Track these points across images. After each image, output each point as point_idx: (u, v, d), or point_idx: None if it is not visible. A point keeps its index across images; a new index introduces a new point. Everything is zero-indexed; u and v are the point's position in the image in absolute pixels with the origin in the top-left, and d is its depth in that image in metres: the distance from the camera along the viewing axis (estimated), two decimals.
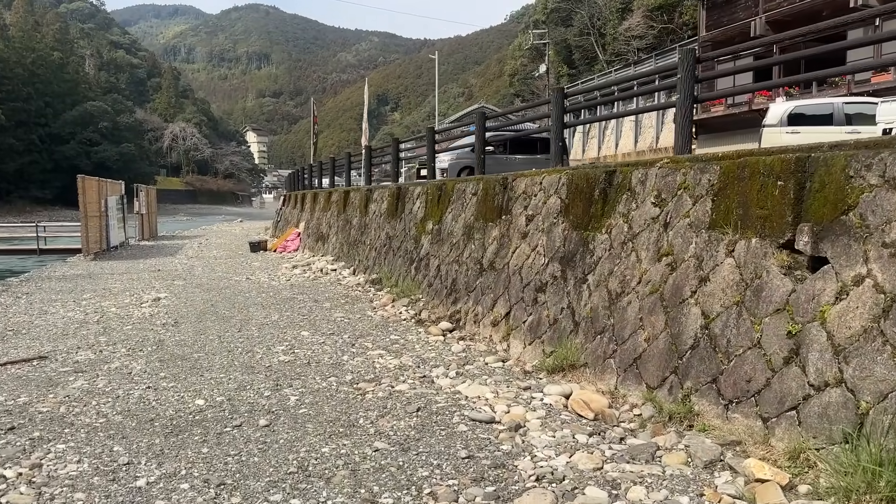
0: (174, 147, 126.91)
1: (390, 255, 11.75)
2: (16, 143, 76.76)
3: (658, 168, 5.73)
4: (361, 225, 14.07)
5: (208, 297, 10.99)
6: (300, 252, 19.37)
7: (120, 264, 16.96)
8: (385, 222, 12.51)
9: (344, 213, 15.84)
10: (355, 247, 14.09)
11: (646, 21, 50.24)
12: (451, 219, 9.64)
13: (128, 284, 12.73)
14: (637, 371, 5.28)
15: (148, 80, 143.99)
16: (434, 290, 9.39)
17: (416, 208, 11.14)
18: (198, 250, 21.72)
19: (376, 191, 13.65)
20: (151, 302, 10.42)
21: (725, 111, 21.28)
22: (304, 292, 11.39)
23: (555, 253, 6.81)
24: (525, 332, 6.86)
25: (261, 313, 9.44)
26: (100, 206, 20.13)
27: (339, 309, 9.82)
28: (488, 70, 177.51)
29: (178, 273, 14.67)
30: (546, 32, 68.16)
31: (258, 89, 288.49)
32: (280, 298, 10.73)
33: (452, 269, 9.03)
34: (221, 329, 8.35)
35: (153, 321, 8.92)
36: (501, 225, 8.07)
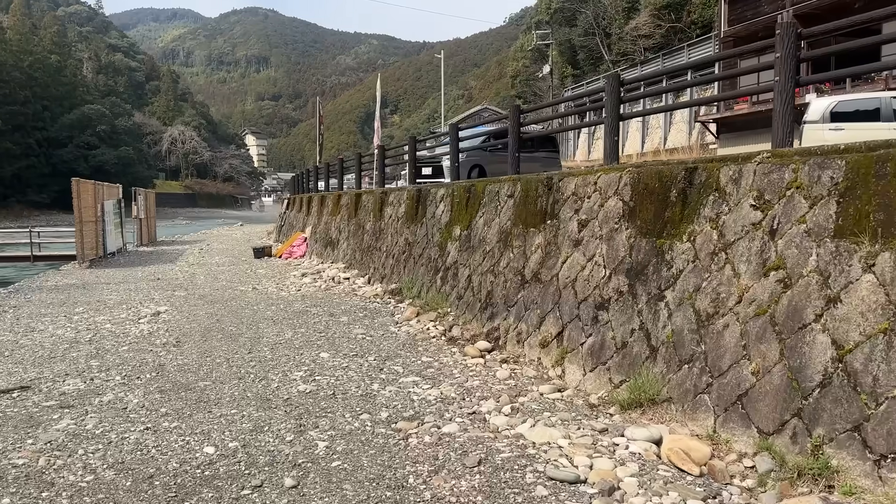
0: (173, 150, 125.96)
1: (411, 262, 10.80)
2: (13, 147, 75.79)
3: (757, 164, 4.78)
4: (376, 230, 13.12)
5: (213, 310, 10.03)
6: (307, 258, 18.41)
7: (117, 272, 16.00)
8: (403, 227, 11.56)
9: (355, 218, 14.89)
10: (369, 253, 13.14)
11: (653, 20, 49.36)
12: (482, 224, 8.69)
13: (125, 296, 11.77)
14: (743, 411, 4.33)
15: (146, 84, 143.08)
16: (465, 304, 8.44)
17: (439, 212, 10.19)
18: (199, 256, 20.76)
19: (392, 193, 12.71)
20: (150, 317, 9.46)
21: (751, 108, 20.36)
22: (317, 304, 10.44)
23: (618, 264, 5.86)
24: (584, 357, 5.90)
25: (272, 330, 8.48)
26: (96, 210, 19.17)
27: (359, 324, 8.86)
28: (488, 72, 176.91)
29: (179, 282, 13.71)
30: (550, 33, 67.39)
31: (257, 92, 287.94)
32: (292, 312, 9.78)
33: (487, 281, 8.08)
34: (229, 350, 7.40)
35: (152, 340, 7.96)
36: (547, 231, 7.12)
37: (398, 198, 12.26)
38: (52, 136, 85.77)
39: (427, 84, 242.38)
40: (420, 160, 13.58)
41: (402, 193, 12.04)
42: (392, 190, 12.93)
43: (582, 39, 59.82)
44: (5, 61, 77.12)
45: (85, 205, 17.92)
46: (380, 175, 14.59)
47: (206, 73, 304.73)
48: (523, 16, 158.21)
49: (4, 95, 75.98)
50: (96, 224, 19.12)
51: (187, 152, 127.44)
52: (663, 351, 5.11)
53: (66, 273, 16.07)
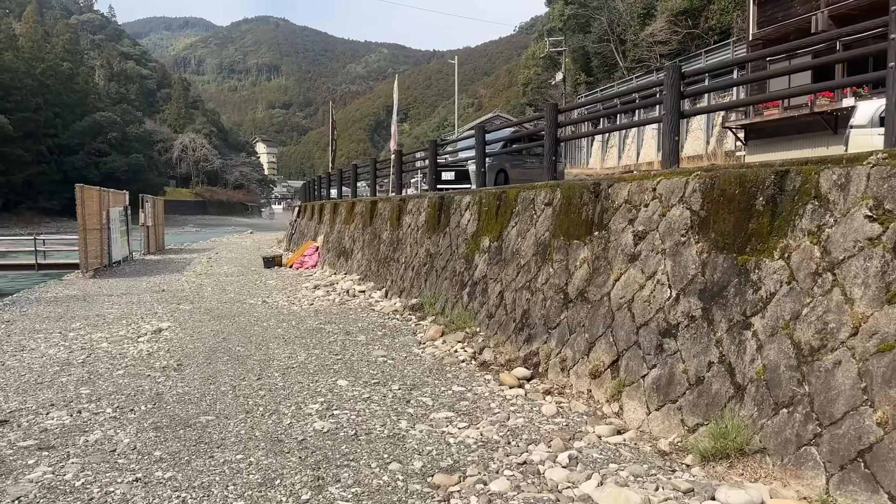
0: (184, 158, 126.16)
1: (433, 276, 9.99)
2: (24, 154, 75.81)
3: (871, 166, 3.95)
4: (393, 240, 12.33)
5: (219, 326, 9.25)
6: (319, 268, 17.65)
7: (121, 283, 15.29)
8: (424, 237, 10.77)
9: (371, 226, 14.11)
10: (386, 265, 12.35)
11: (669, 26, 48.57)
12: (515, 235, 7.88)
13: (126, 309, 11.02)
14: (867, 471, 3.48)
15: (158, 91, 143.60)
16: (497, 324, 7.62)
17: (464, 221, 9.39)
18: (207, 266, 20.05)
19: (411, 201, 11.92)
20: (151, 334, 8.69)
21: (782, 114, 19.48)
22: (331, 321, 9.64)
23: (688, 284, 5.03)
24: (648, 392, 5.06)
25: (283, 351, 7.69)
26: (101, 217, 18.51)
27: (378, 344, 8.06)
28: (498, 81, 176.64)
29: (185, 294, 12.96)
30: (563, 40, 66.79)
31: (268, 100, 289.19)
32: (304, 329, 8.98)
33: (522, 298, 7.26)
34: (236, 375, 6.60)
35: (151, 363, 7.18)
36: (594, 244, 6.29)
37: (418, 205, 11.47)
38: (64, 143, 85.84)
39: (437, 92, 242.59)
40: (444, 164, 12.76)
41: (423, 201, 11.26)
42: (411, 197, 12.15)
43: (596, 46, 59.12)
44: (17, 68, 77.28)
45: (89, 212, 17.25)
46: (397, 181, 13.82)
47: (218, 81, 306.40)
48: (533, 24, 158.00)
49: (16, 102, 76.08)
50: (101, 232, 18.45)
51: (198, 160, 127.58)
52: (752, 390, 4.27)
53: (68, 283, 15.37)
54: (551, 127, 7.97)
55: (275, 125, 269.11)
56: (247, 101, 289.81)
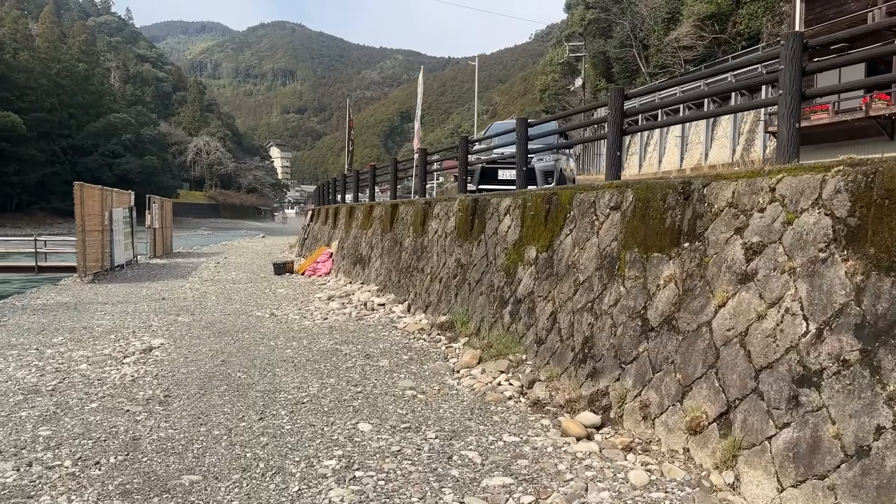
0: (198, 161, 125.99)
1: (465, 289, 8.72)
2: (38, 154, 75.52)
3: None
4: (417, 247, 11.09)
5: (219, 345, 8.03)
6: (333, 276, 16.44)
7: (119, 289, 14.14)
8: (454, 245, 9.51)
9: (391, 232, 12.88)
10: (409, 275, 11.10)
11: (695, 31, 47.23)
12: (570, 245, 6.61)
13: (118, 321, 9.84)
14: None
15: (173, 94, 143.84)
16: (549, 352, 6.34)
17: (503, 228, 8.13)
18: (214, 271, 18.90)
19: (438, 204, 10.68)
20: (139, 354, 7.48)
21: (832, 118, 18.10)
22: (348, 340, 8.39)
23: (835, 315, 3.73)
24: (779, 461, 3.76)
25: (292, 379, 6.44)
26: (103, 219, 17.42)
27: (405, 371, 6.80)
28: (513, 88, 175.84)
29: (186, 304, 11.77)
30: (583, 45, 65.56)
31: (283, 105, 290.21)
32: (318, 350, 7.74)
33: (583, 322, 5.98)
34: (234, 412, 5.37)
35: (133, 392, 5.95)
36: (684, 258, 5.01)
37: (446, 209, 10.22)
38: (78, 144, 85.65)
39: (451, 99, 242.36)
40: (499, 160, 11.28)
41: (452, 204, 10.01)
42: (439, 200, 10.90)
43: (618, 51, 57.85)
44: (33, 68, 77.12)
45: (89, 212, 16.16)
46: (421, 183, 12.59)
47: (233, 85, 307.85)
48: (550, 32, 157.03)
49: (31, 102, 75.87)
50: (102, 234, 17.36)
51: (212, 163, 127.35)
52: None
53: (63, 289, 14.25)
54: (616, 116, 6.69)
55: (289, 130, 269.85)
56: (262, 105, 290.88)
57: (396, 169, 14.84)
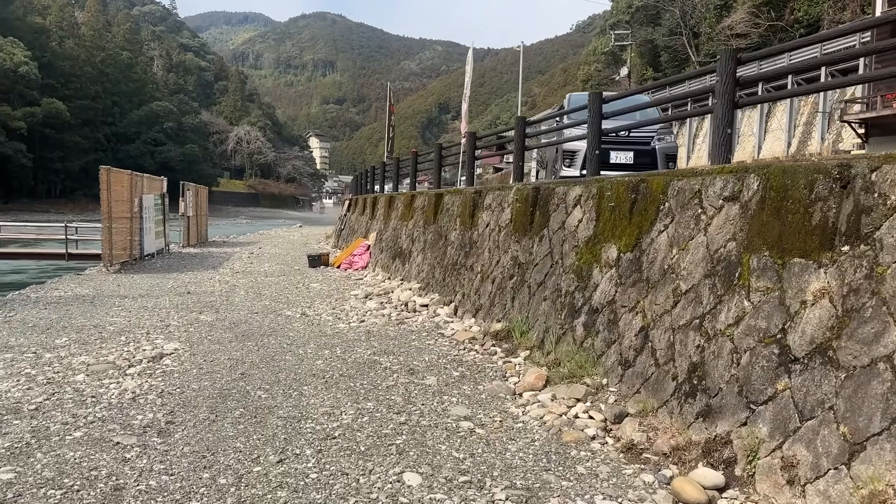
0: (238, 150, 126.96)
1: (523, 293, 7.49)
2: (82, 142, 76.60)
3: None
4: (465, 242, 9.89)
5: (241, 352, 6.96)
6: (370, 270, 15.37)
7: (144, 280, 13.29)
8: (510, 241, 8.28)
9: (434, 224, 11.70)
10: (456, 273, 9.91)
11: (750, 18, 44.85)
12: (665, 244, 5.33)
13: (134, 318, 8.88)
14: None
15: (215, 84, 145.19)
16: (640, 377, 5.08)
17: (573, 221, 6.87)
18: (246, 262, 18.02)
19: (490, 194, 9.45)
20: (148, 362, 6.45)
21: None
22: (388, 349, 7.24)
23: None
24: None
25: (322, 401, 5.32)
26: (132, 205, 16.65)
27: (456, 393, 5.62)
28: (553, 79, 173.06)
29: (211, 300, 10.80)
30: (629, 34, 63.41)
31: (322, 96, 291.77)
32: (353, 362, 6.61)
33: (688, 344, 4.71)
34: (247, 450, 4.26)
35: (130, 416, 4.90)
36: (844, 266, 3.71)
37: (500, 199, 8.99)
38: (121, 132, 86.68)
39: (490, 90, 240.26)
40: (612, 141, 8.87)
41: (507, 193, 8.77)
42: (491, 189, 9.67)
43: (666, 40, 55.60)
44: (78, 56, 78.07)
45: (117, 198, 15.37)
46: (468, 169, 11.38)
47: (274, 75, 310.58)
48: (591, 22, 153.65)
49: (76, 90, 76.89)
50: (131, 221, 16.59)
51: (252, 152, 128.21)
52: None
53: (85, 279, 13.46)
54: (727, 84, 5.37)
55: (328, 120, 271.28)
56: (302, 95, 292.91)
57: (441, 155, 13.64)
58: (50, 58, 73.88)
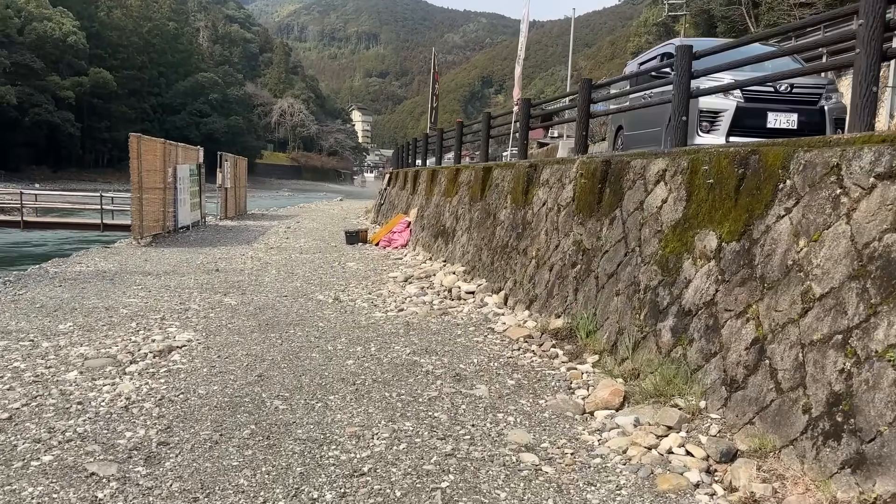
0: (282, 122, 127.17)
1: (590, 284, 6.39)
2: (128, 112, 77.30)
3: None
4: (517, 222, 8.79)
5: (261, 347, 6.06)
6: (410, 249, 14.41)
7: (174, 255, 12.58)
8: (572, 222, 7.16)
9: (482, 201, 10.62)
10: (506, 257, 8.83)
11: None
12: (787, 232, 4.16)
13: (152, 300, 8.08)
14: None
15: (260, 56, 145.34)
16: (754, 404, 3.97)
17: (655, 201, 5.72)
18: (282, 237, 17.27)
19: (548, 168, 8.31)
20: (154, 357, 5.59)
21: None
22: (430, 347, 6.24)
23: None
24: None
25: (350, 416, 4.37)
26: (165, 175, 15.97)
27: (513, 409, 4.60)
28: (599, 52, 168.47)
29: (240, 279, 9.97)
30: (683, 4, 60.54)
31: (365, 69, 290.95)
32: (389, 364, 5.63)
33: (826, 367, 3.57)
34: (252, 488, 3.33)
35: (118, 432, 4.02)
36: None
37: (559, 175, 7.85)
38: (167, 103, 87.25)
39: (534, 64, 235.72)
40: (766, 97, 6.93)
41: (569, 168, 7.62)
42: (548, 163, 8.51)
43: (724, 9, 52.71)
44: (125, 26, 78.47)
45: (148, 167, 14.68)
46: (522, 142, 10.23)
47: (318, 48, 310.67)
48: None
49: (122, 60, 77.45)
50: (164, 192, 15.93)
51: (295, 125, 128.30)
52: None
53: (112, 252, 12.82)
54: (874, 30, 4.13)
55: (371, 94, 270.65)
56: (345, 68, 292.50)
57: (490, 126, 12.47)
58: (98, 28, 74.42)
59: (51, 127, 65.24)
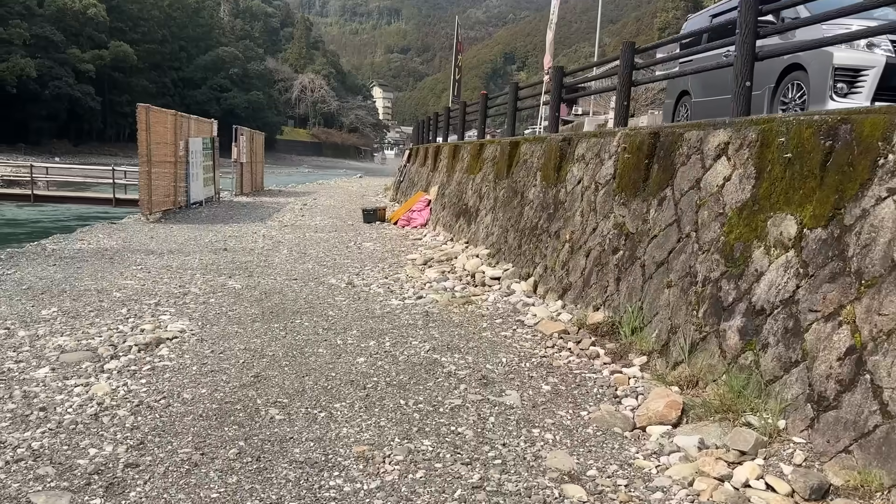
0: (302, 98, 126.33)
1: (635, 273, 5.63)
2: (149, 86, 76.91)
3: None
4: (548, 201, 8.01)
5: (262, 339, 5.40)
6: (430, 229, 13.69)
7: (182, 232, 11.99)
8: (612, 202, 6.38)
9: (508, 179, 9.84)
10: (535, 240, 8.07)
11: None
12: (891, 217, 3.37)
13: (150, 282, 7.47)
14: None
15: (281, 30, 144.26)
16: (851, 427, 3.21)
17: (715, 179, 4.92)
18: (298, 214, 16.64)
19: (583, 142, 7.50)
20: (139, 350, 4.95)
21: None
22: (452, 343, 5.53)
23: None
24: None
25: (358, 432, 3.69)
26: (176, 149, 15.36)
27: (550, 426, 3.89)
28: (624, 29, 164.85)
29: (248, 259, 9.34)
30: None
31: (386, 45, 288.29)
32: (405, 363, 4.93)
33: None
34: None
35: (80, 447, 3.38)
36: None
37: (598, 149, 7.04)
38: (187, 77, 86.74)
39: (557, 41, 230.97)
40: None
41: (609, 142, 6.81)
42: (584, 136, 7.69)
43: None
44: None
45: (158, 140, 14.06)
46: (553, 114, 9.41)
47: (340, 23, 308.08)
48: None
49: (143, 34, 76.93)
50: (175, 166, 15.33)
51: (316, 101, 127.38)
52: None
53: (118, 229, 12.26)
54: None
55: (392, 70, 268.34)
56: (366, 44, 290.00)
57: (517, 97, 11.62)
58: (118, 0, 73.87)
59: (71, 100, 65.09)
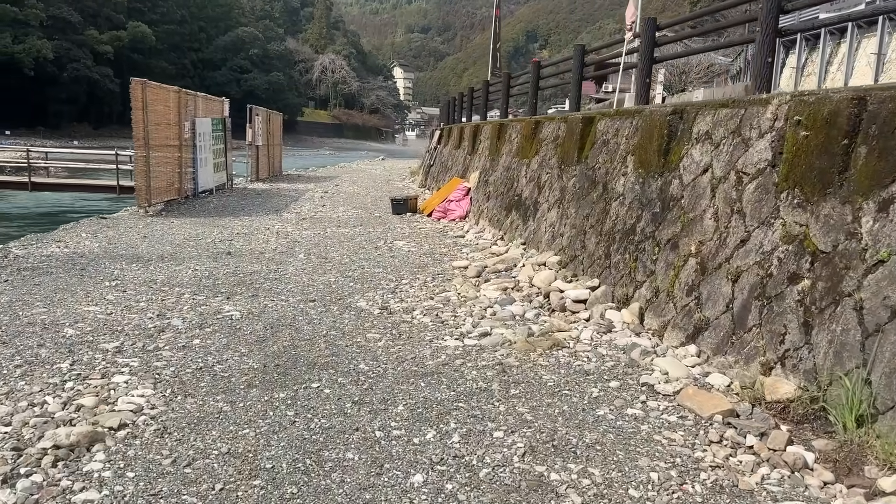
0: (323, 79, 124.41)
1: (845, 319, 3.58)
2: (168, 67, 75.45)
3: None
4: (650, 196, 5.95)
5: (260, 426, 3.46)
6: (471, 222, 11.69)
7: (182, 229, 10.13)
8: (777, 203, 4.31)
9: (580, 164, 7.77)
10: (631, 248, 6.02)
11: None
12: None
13: (119, 312, 5.56)
14: None
15: (301, 10, 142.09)
16: None
17: None
18: (318, 204, 14.72)
19: (705, 115, 5.41)
20: (57, 458, 3.03)
21: None
22: (556, 434, 3.53)
23: None
24: None
25: None
26: (181, 130, 13.48)
27: None
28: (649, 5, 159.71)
29: (255, 269, 7.42)
30: None
31: (407, 24, 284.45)
32: (490, 487, 2.96)
33: None
34: None
35: None
36: None
37: (734, 124, 4.94)
38: (207, 58, 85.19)
39: (581, 17, 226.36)
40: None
41: (754, 112, 4.72)
42: (710, 107, 5.56)
43: None
44: None
45: (157, 121, 12.17)
46: (643, 80, 7.30)
47: (360, 3, 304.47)
48: None
49: (162, 14, 75.39)
50: (180, 150, 13.45)
51: (336, 82, 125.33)
52: None
53: (107, 225, 10.40)
54: None
55: (412, 50, 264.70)
56: (387, 24, 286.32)
57: (583, 63, 9.47)
58: None
59: (90, 83, 63.82)
